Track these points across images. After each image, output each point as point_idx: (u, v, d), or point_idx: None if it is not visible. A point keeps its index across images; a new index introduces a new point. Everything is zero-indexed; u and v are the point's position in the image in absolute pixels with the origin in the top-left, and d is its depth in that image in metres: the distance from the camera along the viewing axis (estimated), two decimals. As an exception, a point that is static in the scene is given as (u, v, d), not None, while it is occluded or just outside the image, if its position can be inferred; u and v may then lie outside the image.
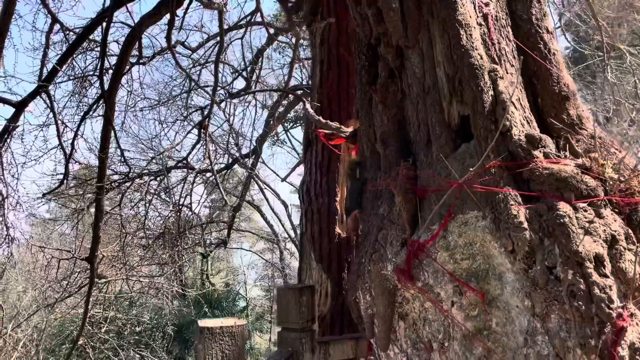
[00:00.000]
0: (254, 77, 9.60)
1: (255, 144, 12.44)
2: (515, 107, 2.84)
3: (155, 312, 18.79)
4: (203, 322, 2.77)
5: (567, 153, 2.78)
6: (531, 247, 2.42)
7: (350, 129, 4.54)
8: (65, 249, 8.45)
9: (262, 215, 25.41)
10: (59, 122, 6.28)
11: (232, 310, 20.86)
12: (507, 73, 2.99)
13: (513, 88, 2.86)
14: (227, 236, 14.97)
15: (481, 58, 2.93)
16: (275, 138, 17.64)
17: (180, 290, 10.74)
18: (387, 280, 2.98)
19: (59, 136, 6.27)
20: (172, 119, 11.44)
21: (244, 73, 9.76)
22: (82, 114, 6.77)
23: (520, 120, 2.81)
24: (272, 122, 13.22)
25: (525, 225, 2.44)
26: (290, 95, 11.57)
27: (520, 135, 2.71)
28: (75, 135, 6.25)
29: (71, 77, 7.04)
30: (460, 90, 2.95)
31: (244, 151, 13.43)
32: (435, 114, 3.08)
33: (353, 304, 3.24)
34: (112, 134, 5.73)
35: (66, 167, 6.36)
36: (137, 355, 19.42)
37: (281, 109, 13.99)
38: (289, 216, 28.14)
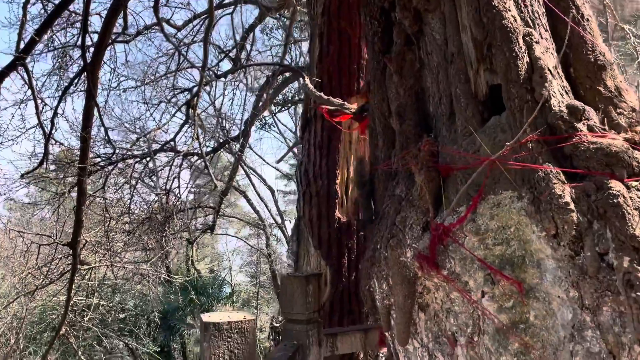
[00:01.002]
0: (244, 55, 9.19)
1: (244, 126, 12.05)
2: (553, 76, 2.54)
3: (140, 298, 18.42)
4: (207, 317, 2.44)
5: (607, 127, 2.50)
6: (578, 231, 2.14)
7: (354, 106, 4.22)
8: (46, 234, 8.03)
9: (248, 200, 25.05)
10: (38, 99, 5.84)
11: (218, 297, 20.56)
12: (542, 38, 2.69)
13: (550, 54, 2.56)
14: (213, 221, 14.62)
15: (515, 20, 2.62)
16: (263, 122, 17.23)
17: (167, 277, 10.37)
18: (407, 268, 2.69)
19: (38, 114, 5.84)
20: (157, 100, 10.99)
21: (234, 51, 9.34)
22: (62, 90, 6.33)
23: (559, 90, 2.52)
24: (260, 103, 12.83)
25: (572, 206, 2.16)
26: (280, 77, 11.19)
27: (560, 106, 2.42)
28: (55, 112, 5.83)
29: (51, 49, 6.59)
30: (490, 56, 2.65)
31: (232, 135, 13.05)
32: (460, 84, 2.78)
33: (367, 293, 2.95)
34: (95, 111, 5.33)
35: (46, 147, 5.94)
36: (121, 343, 19.09)
37: (270, 91, 13.59)
38: (276, 202, 27.82)
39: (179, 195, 8.47)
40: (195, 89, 8.34)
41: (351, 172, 5.19)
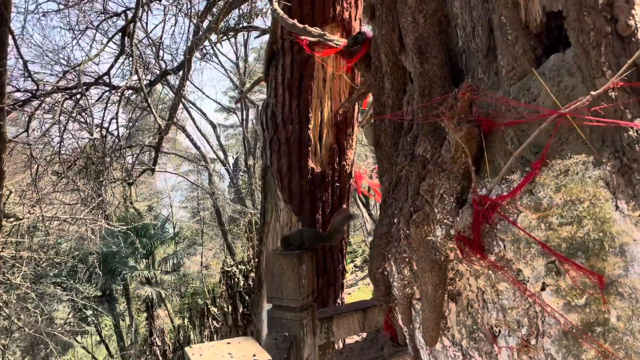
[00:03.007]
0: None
1: (185, 56, 10.91)
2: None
3: (76, 241, 17.39)
4: (196, 352, 1.78)
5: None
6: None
7: (337, 37, 3.48)
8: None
9: (188, 136, 23.89)
10: None
11: (161, 238, 19.77)
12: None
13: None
14: (154, 160, 13.64)
15: None
16: (204, 52, 15.92)
17: (106, 225, 9.51)
18: (436, 250, 2.13)
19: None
20: (84, 26, 9.60)
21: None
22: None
23: (648, 21, 1.92)
24: (201, 32, 11.65)
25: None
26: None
27: (653, 42, 1.83)
28: (-42, 41, 4.72)
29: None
30: (552, -28, 2.00)
31: (170, 67, 11.86)
32: (505, 10, 2.12)
33: (379, 277, 2.38)
34: (10, 39, 4.32)
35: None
36: (59, 288, 18.15)
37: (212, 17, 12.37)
38: (218, 137, 26.78)
39: (118, 136, 7.50)
40: (130, 14, 7.20)
41: (325, 115, 4.51)
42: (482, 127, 2.09)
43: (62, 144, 7.23)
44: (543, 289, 1.90)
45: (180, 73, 10.92)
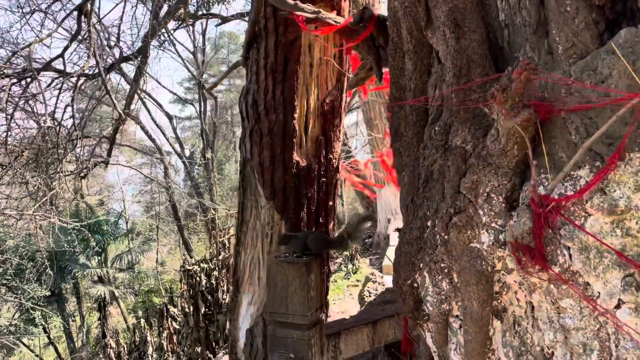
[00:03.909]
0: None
1: (142, 42, 10.30)
2: None
3: (22, 238, 16.38)
4: None
5: None
6: None
7: (334, 15, 3.11)
8: None
9: (143, 127, 22.94)
10: None
11: (114, 234, 18.89)
12: None
13: None
14: (108, 152, 12.92)
15: None
16: (161, 40, 15.21)
17: (57, 222, 8.83)
18: (482, 260, 1.79)
19: None
20: (30, 8, 8.83)
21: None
22: None
23: None
24: (161, 16, 11.05)
25: None
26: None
27: None
28: None
29: None
30: None
31: (127, 54, 11.18)
32: (562, -22, 1.80)
33: (407, 290, 2.03)
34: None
35: None
36: (3, 288, 17.08)
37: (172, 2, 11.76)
38: (174, 129, 25.88)
39: (74, 125, 6.87)
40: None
41: (311, 104, 4.13)
42: (538, 114, 1.76)
43: (8, 133, 6.56)
44: (618, 306, 1.60)
45: (137, 62, 10.29)
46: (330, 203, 4.30)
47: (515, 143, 1.76)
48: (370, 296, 6.85)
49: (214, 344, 10.57)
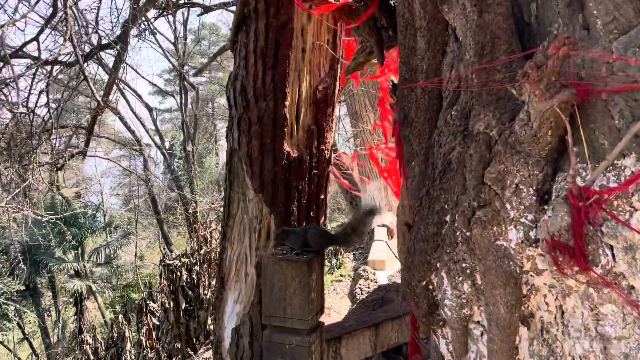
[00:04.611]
0: None
1: (122, 30, 9.93)
2: None
3: (-5, 232, 15.92)
4: None
5: None
6: None
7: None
8: None
9: (122, 119, 22.40)
10: None
11: (92, 227, 18.43)
12: None
13: None
14: (86, 143, 12.53)
15: None
16: (142, 27, 14.79)
17: (31, 215, 8.47)
18: (510, 259, 1.60)
19: None
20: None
21: None
22: None
23: None
24: (142, 2, 10.67)
25: None
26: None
27: None
28: None
29: None
30: None
31: (106, 41, 10.79)
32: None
33: (421, 292, 1.82)
34: None
35: None
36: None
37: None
38: (154, 121, 25.36)
39: (49, 111, 6.53)
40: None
41: (303, 92, 3.91)
42: (576, 96, 1.57)
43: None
44: (669, 313, 1.41)
45: (116, 49, 9.92)
46: (322, 196, 4.08)
47: (550, 128, 1.56)
48: (362, 294, 6.66)
49: (194, 340, 10.30)
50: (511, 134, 1.65)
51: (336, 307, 8.05)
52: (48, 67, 7.21)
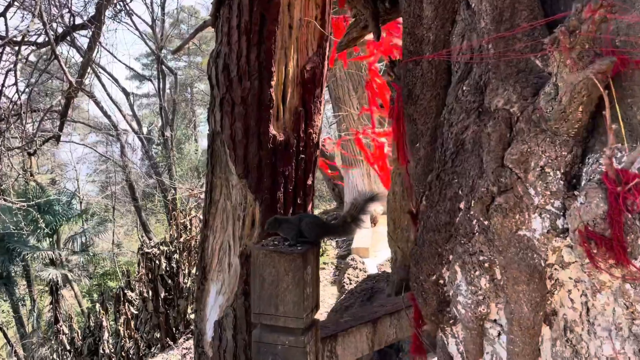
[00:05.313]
0: None
1: (96, 10, 9.53)
2: None
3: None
4: None
5: None
6: None
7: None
8: None
9: (98, 103, 21.81)
10: None
11: (67, 215, 17.97)
12: None
13: None
14: (60, 127, 12.07)
15: None
16: (118, 8, 14.31)
17: (2, 202, 8.11)
18: (534, 251, 1.42)
19: None
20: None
21: None
22: None
23: None
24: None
25: None
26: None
27: None
28: None
29: None
30: None
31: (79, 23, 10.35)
32: None
33: (430, 288, 1.64)
34: None
35: None
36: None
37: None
38: (131, 106, 24.79)
39: (17, 91, 6.18)
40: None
41: (290, 71, 3.68)
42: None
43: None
44: None
45: (90, 29, 9.51)
46: (310, 182, 3.88)
47: (581, 103, 1.38)
48: (350, 283, 6.50)
49: (174, 329, 10.08)
50: (535, 110, 1.47)
51: (320, 296, 7.89)
52: (16, 48, 6.83)
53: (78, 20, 10.65)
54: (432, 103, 1.84)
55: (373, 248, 8.88)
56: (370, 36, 3.86)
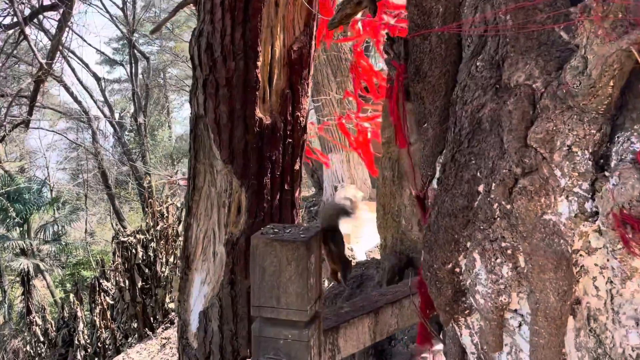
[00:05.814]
0: None
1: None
2: None
3: None
4: None
5: None
6: None
7: None
8: None
9: (68, 89, 21.18)
10: None
11: (38, 203, 17.49)
12: None
13: None
14: (29, 111, 11.71)
15: None
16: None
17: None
18: (560, 237, 1.33)
19: None
20: None
21: None
22: None
23: None
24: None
25: None
26: None
27: None
28: None
29: None
30: None
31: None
32: None
33: (445, 276, 1.54)
34: None
35: None
36: None
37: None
38: (102, 91, 24.18)
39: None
40: None
41: (277, 51, 3.53)
42: (642, 38, 1.29)
43: None
44: None
45: (60, 11, 9.15)
46: (297, 167, 3.76)
47: (612, 77, 1.28)
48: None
49: (152, 319, 9.90)
50: (560, 85, 1.37)
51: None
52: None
53: (46, 2, 10.26)
54: (442, 80, 1.73)
55: (354, 234, 8.82)
56: (358, 16, 3.74)
